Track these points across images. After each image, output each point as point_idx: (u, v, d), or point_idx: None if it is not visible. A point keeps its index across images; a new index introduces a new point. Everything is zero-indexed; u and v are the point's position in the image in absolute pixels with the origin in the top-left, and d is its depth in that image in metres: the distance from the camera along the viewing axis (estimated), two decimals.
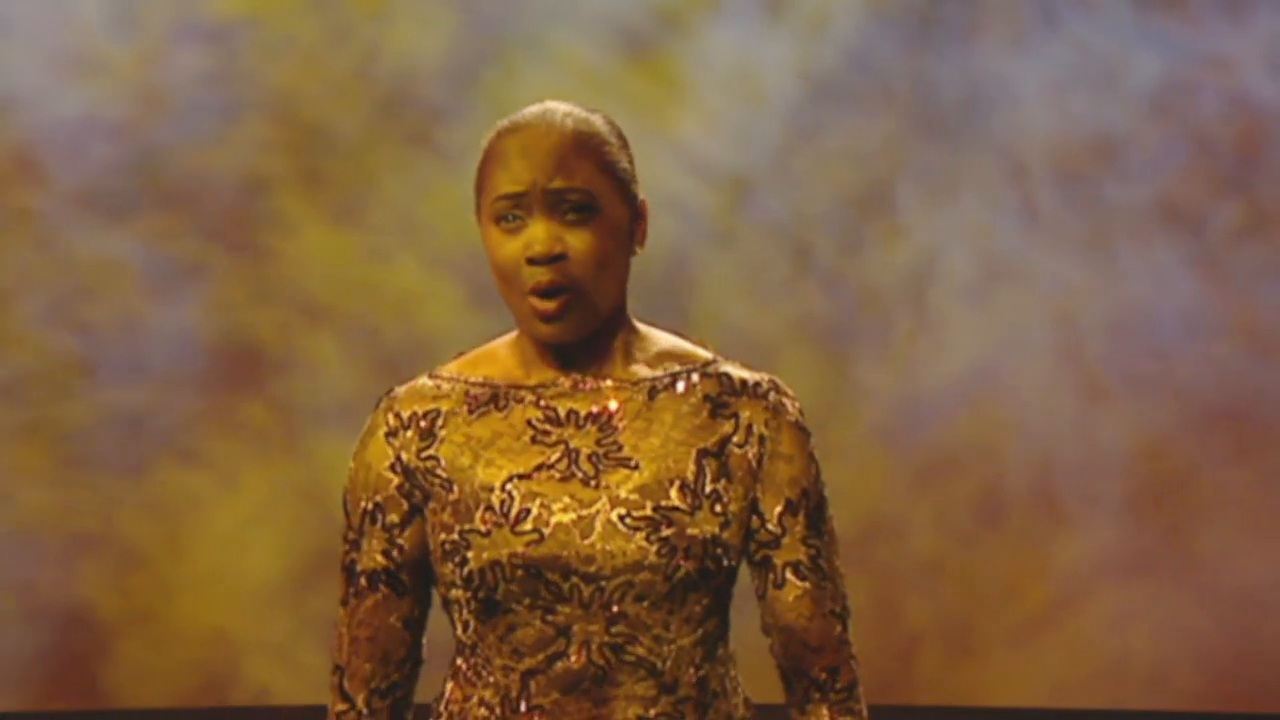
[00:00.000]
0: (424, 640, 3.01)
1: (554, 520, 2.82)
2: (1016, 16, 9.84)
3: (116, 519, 9.41)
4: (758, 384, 3.07)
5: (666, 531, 2.82)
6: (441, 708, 2.95)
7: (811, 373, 9.89)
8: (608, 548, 2.80)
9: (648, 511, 2.83)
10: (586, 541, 2.81)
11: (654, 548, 2.81)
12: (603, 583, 2.80)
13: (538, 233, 2.90)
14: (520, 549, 2.80)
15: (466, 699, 2.89)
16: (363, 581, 2.94)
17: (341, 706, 2.93)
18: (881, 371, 10.00)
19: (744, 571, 3.22)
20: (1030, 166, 9.95)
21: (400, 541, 2.92)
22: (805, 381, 9.84)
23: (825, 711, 3.07)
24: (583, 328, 2.95)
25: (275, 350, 9.61)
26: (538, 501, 2.83)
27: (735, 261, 10.03)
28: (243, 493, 9.72)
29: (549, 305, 2.90)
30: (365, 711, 2.94)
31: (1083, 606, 9.76)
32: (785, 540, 2.98)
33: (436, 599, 3.11)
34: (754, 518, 2.95)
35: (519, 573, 2.79)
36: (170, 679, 9.39)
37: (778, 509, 2.98)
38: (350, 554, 2.96)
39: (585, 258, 2.95)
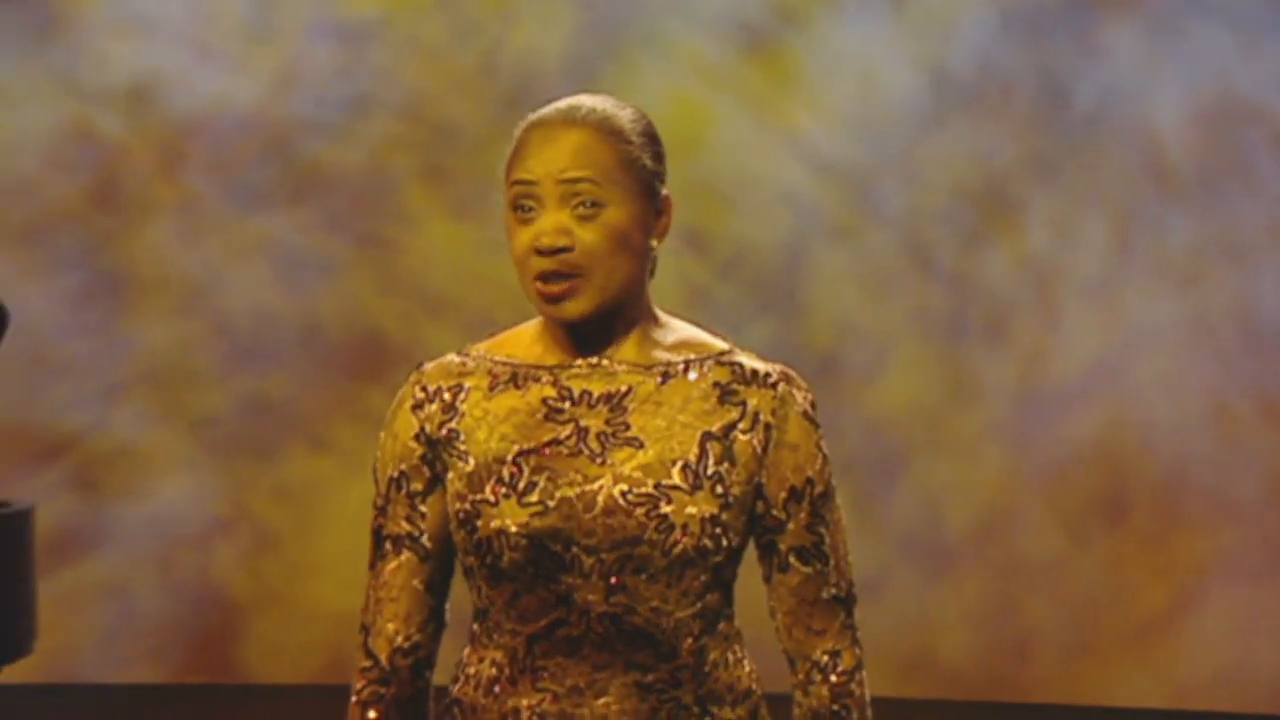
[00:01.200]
0: (446, 605, 2.38)
1: (559, 494, 2.22)
2: (1147, 12, 7.63)
3: (249, 502, 7.88)
4: (768, 374, 2.36)
5: (666, 509, 2.21)
6: (459, 670, 2.36)
7: (928, 368, 7.79)
8: (609, 522, 2.21)
9: (649, 489, 2.23)
10: (589, 515, 2.21)
11: (653, 523, 2.21)
12: (603, 555, 2.20)
13: (546, 224, 2.26)
14: (525, 519, 2.21)
15: (480, 660, 2.28)
16: (388, 546, 2.35)
17: (365, 663, 2.36)
18: (1000, 368, 7.78)
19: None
20: (1159, 163, 7.68)
21: (422, 509, 2.32)
22: (921, 377, 7.60)
23: (826, 693, 2.35)
24: (586, 311, 2.28)
25: (398, 340, 7.79)
26: (545, 475, 2.23)
27: (852, 256, 7.87)
28: (369, 478, 6.81)
29: (552, 289, 2.27)
30: (388, 668, 2.34)
31: (1205, 608, 7.61)
32: (790, 526, 2.31)
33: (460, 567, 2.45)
34: (759, 503, 2.30)
35: (523, 542, 2.20)
36: (299, 656, 7.77)
37: (782, 495, 2.31)
38: (378, 519, 2.37)
39: (591, 250, 2.26)
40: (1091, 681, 7.61)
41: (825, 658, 2.38)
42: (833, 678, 2.39)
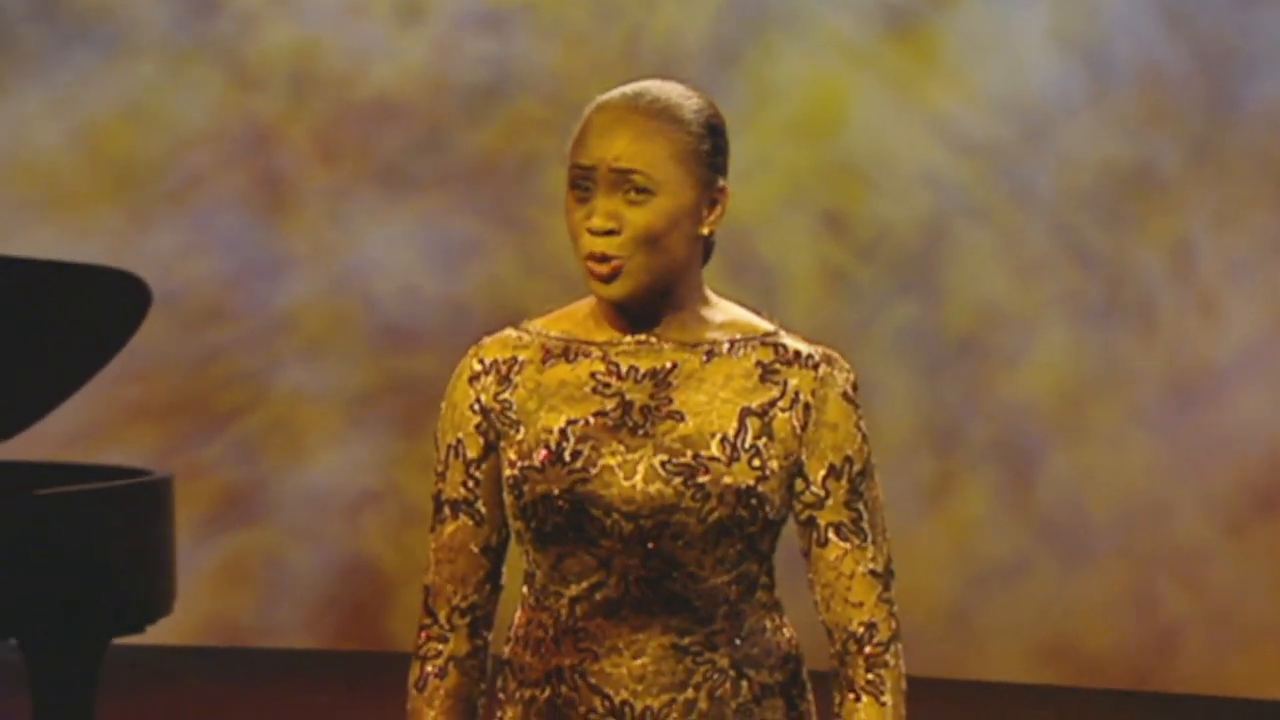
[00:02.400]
0: (503, 568, 1.91)
1: (601, 462, 1.81)
2: None
3: (397, 477, 6.12)
4: (810, 355, 1.90)
5: (703, 478, 1.80)
6: (511, 631, 1.91)
7: (1070, 351, 5.68)
8: (648, 489, 1.79)
9: (687, 459, 1.81)
10: (629, 483, 1.80)
11: (689, 492, 1.79)
12: (641, 521, 1.79)
13: (598, 206, 1.81)
14: (569, 485, 1.80)
15: (529, 622, 1.87)
16: (446, 510, 1.88)
17: (426, 620, 1.89)
18: (1145, 351, 5.65)
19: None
20: None
21: (477, 475, 1.86)
22: (1062, 360, 5.54)
23: (861, 663, 1.88)
24: (629, 292, 1.84)
25: None
26: (589, 444, 1.82)
27: (995, 238, 5.78)
28: None
29: (601, 269, 1.82)
30: (446, 626, 1.87)
31: None
32: (829, 502, 1.87)
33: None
34: (799, 480, 1.86)
35: (566, 506, 1.80)
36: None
37: (821, 473, 1.87)
38: (438, 484, 1.90)
39: (638, 235, 1.81)
40: (1240, 674, 5.59)
41: (861, 629, 1.89)
42: (868, 648, 1.89)
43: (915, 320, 5.76)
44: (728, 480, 1.79)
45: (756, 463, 1.81)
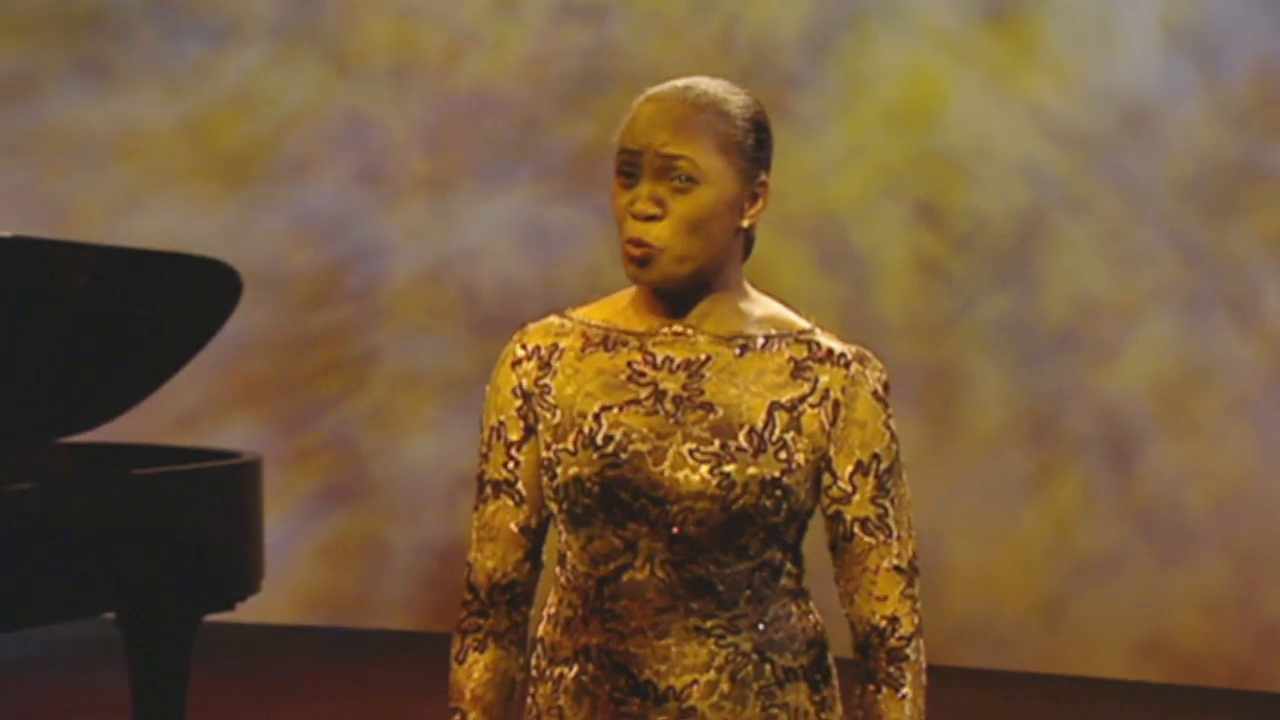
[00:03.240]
0: (542, 547, 1.88)
1: (632, 448, 1.79)
2: None
3: None
4: (843, 354, 1.85)
5: (728, 467, 1.77)
6: (545, 611, 1.88)
7: (1169, 343, 5.38)
8: (675, 475, 1.77)
9: (715, 448, 1.78)
10: (658, 469, 1.77)
11: (715, 480, 1.77)
12: (668, 506, 1.77)
13: (643, 191, 1.79)
14: (599, 469, 1.79)
15: (560, 601, 1.84)
16: (488, 490, 1.87)
17: (467, 596, 1.88)
18: (1246, 344, 5.33)
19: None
20: None
21: (518, 456, 1.85)
22: (1161, 352, 5.24)
23: (883, 656, 1.84)
24: (668, 277, 1.81)
25: None
26: (621, 430, 1.80)
27: (1092, 229, 5.47)
28: None
29: (638, 253, 1.79)
30: (486, 602, 1.86)
31: None
32: (855, 498, 1.83)
33: None
34: (827, 475, 1.83)
35: (596, 489, 1.78)
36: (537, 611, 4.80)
37: (849, 469, 1.83)
38: (481, 465, 1.88)
39: (679, 222, 1.78)
40: None
41: (884, 623, 1.85)
42: (891, 641, 1.85)
43: (1011, 312, 5.50)
44: (753, 471, 1.77)
45: (783, 455, 1.78)
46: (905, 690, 1.83)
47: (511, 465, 1.83)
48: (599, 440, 1.77)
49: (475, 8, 5.91)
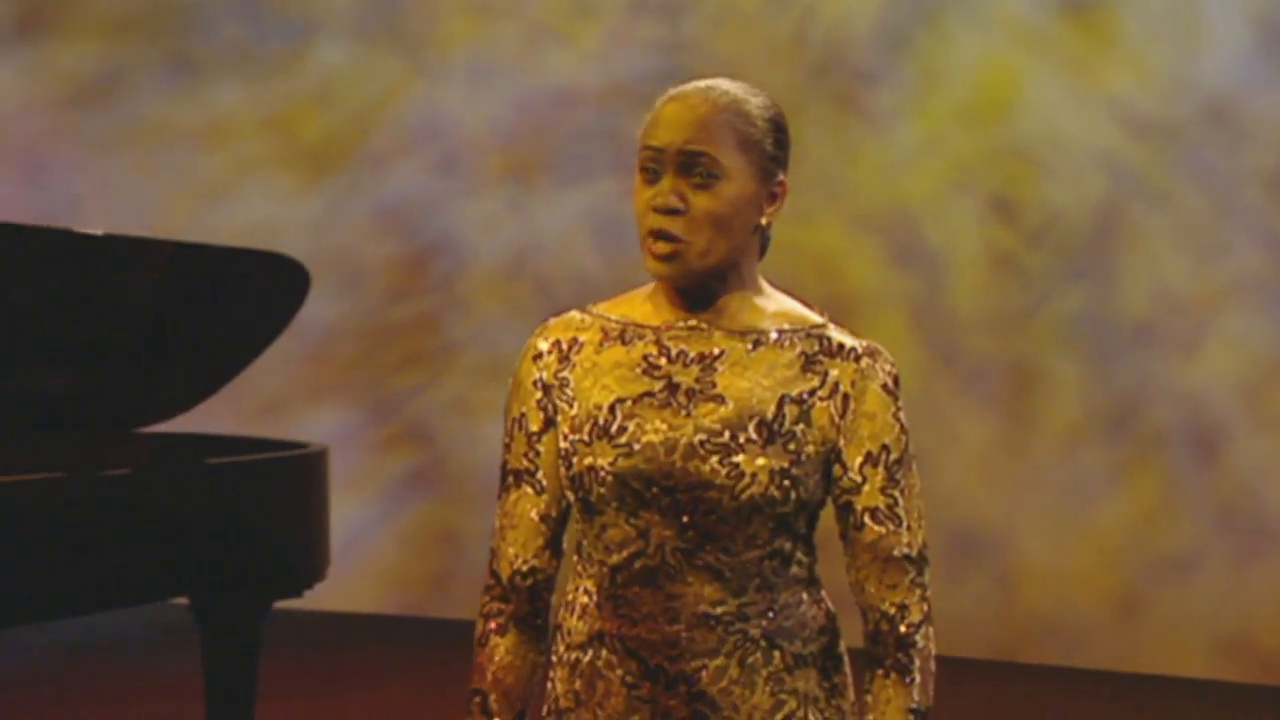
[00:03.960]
0: (564, 535, 1.89)
1: (645, 439, 1.79)
2: None
3: None
4: (853, 349, 1.85)
5: (737, 458, 1.77)
6: (562, 598, 1.90)
7: (1252, 336, 5.13)
8: (686, 466, 1.78)
9: (725, 439, 1.78)
10: (669, 459, 1.78)
11: (724, 470, 1.77)
12: (678, 495, 1.78)
13: (664, 186, 1.80)
14: (613, 459, 1.79)
15: (576, 588, 1.85)
16: (510, 479, 1.88)
17: (490, 581, 1.89)
18: None
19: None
20: None
21: (539, 447, 1.86)
22: (1244, 345, 5.07)
23: (892, 642, 1.83)
24: (687, 272, 1.81)
25: None
26: (634, 422, 1.80)
27: (1171, 221, 5.23)
28: None
29: (660, 248, 1.80)
30: (508, 588, 1.87)
31: None
32: (865, 488, 1.82)
33: None
34: (837, 466, 1.83)
35: (610, 479, 1.79)
36: None
37: (859, 460, 1.82)
38: (504, 455, 1.90)
39: (700, 216, 1.79)
40: None
41: (894, 610, 1.83)
42: (901, 628, 1.83)
43: (1086, 306, 5.28)
44: (761, 461, 1.77)
45: (792, 446, 1.79)
46: (913, 676, 1.82)
47: (532, 455, 1.85)
48: (613, 431, 1.79)
49: (551, 3, 5.79)
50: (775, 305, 1.85)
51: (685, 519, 1.76)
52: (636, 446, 1.78)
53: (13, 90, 6.13)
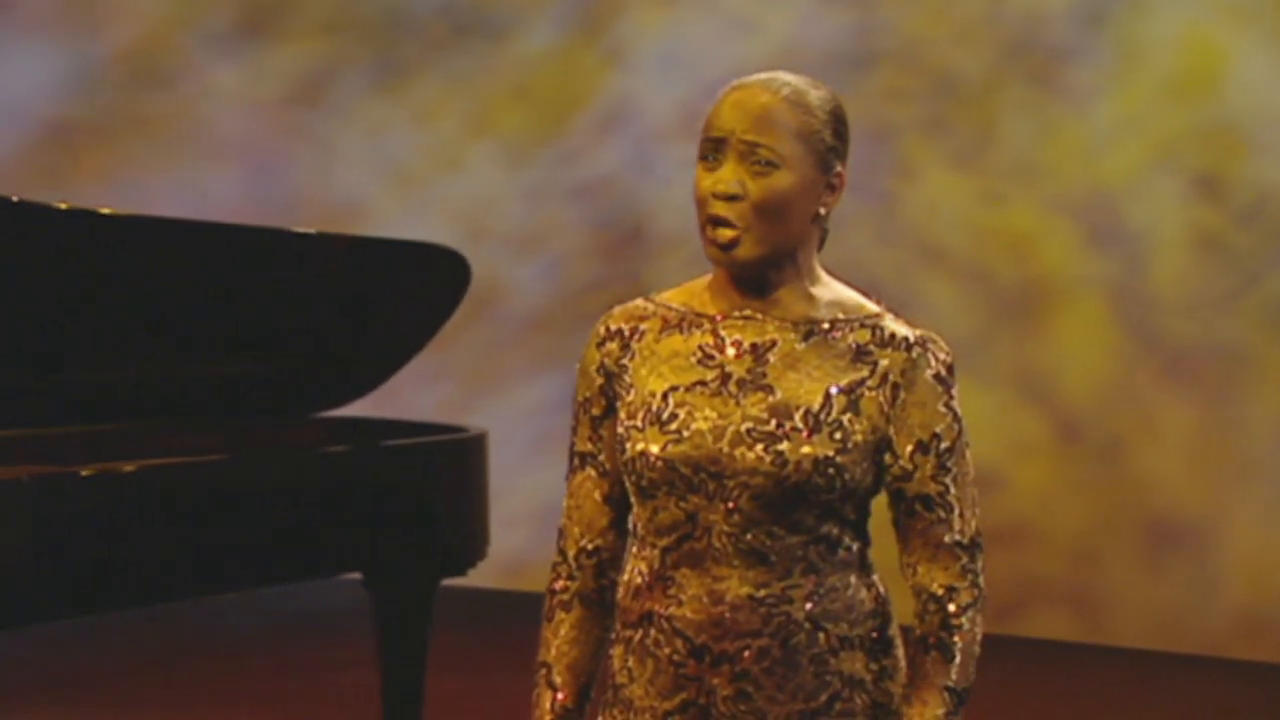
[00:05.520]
0: (627, 517, 1.86)
1: (694, 426, 1.77)
2: None
3: None
4: (905, 338, 1.79)
5: (782, 446, 1.74)
6: (622, 577, 1.88)
7: None
8: (732, 452, 1.75)
9: (770, 428, 1.75)
10: (716, 446, 1.76)
11: (769, 458, 1.74)
12: (725, 481, 1.75)
13: (725, 173, 1.76)
14: (663, 444, 1.78)
15: (632, 569, 1.83)
16: (576, 461, 1.88)
17: (557, 559, 1.89)
18: None
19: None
20: None
21: (601, 431, 1.85)
22: None
23: (938, 622, 1.79)
24: (746, 261, 1.77)
25: (894, 291, 4.91)
26: (685, 409, 1.78)
27: None
28: None
29: (720, 235, 1.75)
30: (574, 566, 1.87)
31: None
32: (916, 475, 1.78)
33: None
34: (887, 454, 1.79)
35: (659, 464, 1.77)
36: None
37: (909, 448, 1.78)
38: (572, 437, 1.89)
39: (759, 203, 1.75)
40: None
41: (942, 591, 1.79)
42: (949, 607, 1.78)
43: None
44: (805, 450, 1.74)
45: (838, 435, 1.75)
46: (954, 655, 1.77)
47: (595, 439, 1.84)
48: (664, 418, 1.77)
49: None
50: (831, 295, 1.81)
51: (730, 505, 1.74)
52: (686, 433, 1.76)
53: (236, 90, 6.09)
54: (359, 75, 6.00)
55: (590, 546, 1.84)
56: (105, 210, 3.06)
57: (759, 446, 1.73)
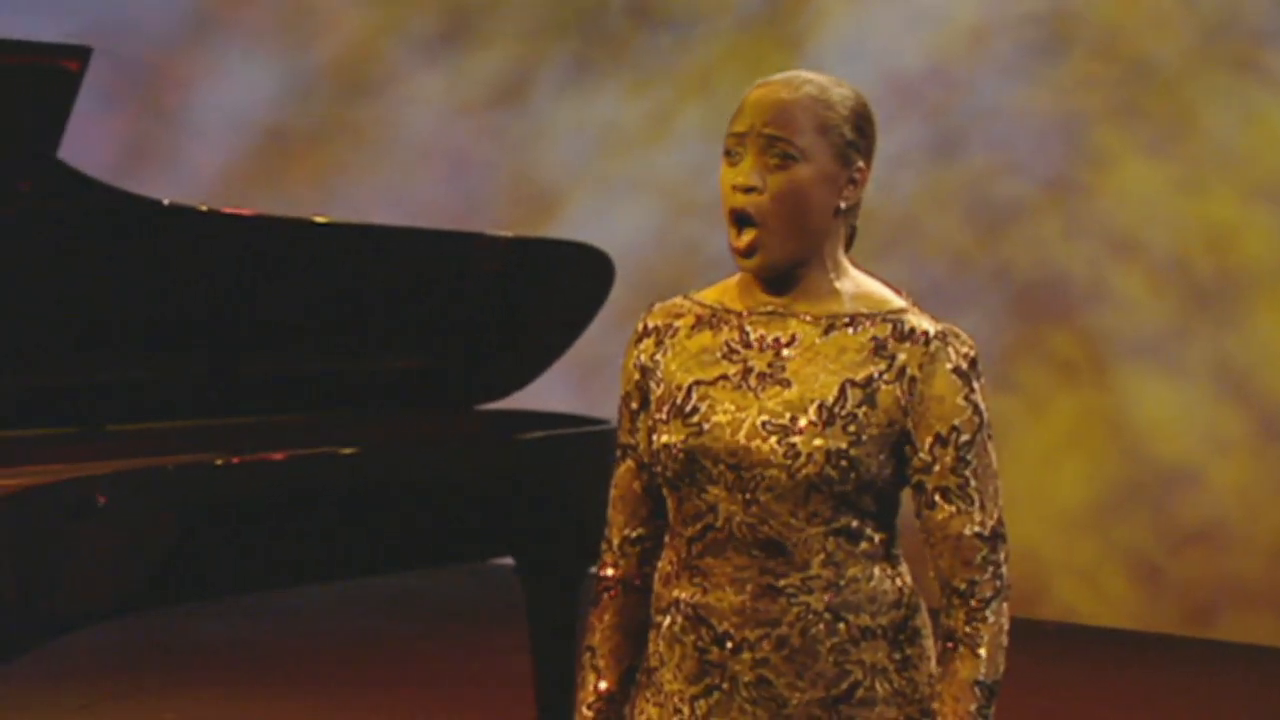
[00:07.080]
0: (670, 506, 1.82)
1: (714, 419, 1.76)
2: None
3: None
4: (925, 332, 1.74)
5: (795, 438, 1.72)
6: (656, 565, 1.88)
7: None
8: (749, 445, 1.74)
9: (784, 421, 1.73)
10: (733, 438, 1.74)
11: (782, 450, 1.72)
12: (742, 472, 1.74)
13: (745, 167, 1.74)
14: (684, 437, 1.77)
15: (665, 558, 1.83)
16: (619, 452, 1.89)
17: (603, 547, 1.90)
18: None
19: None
20: None
21: (638, 424, 1.85)
22: None
23: (961, 616, 1.74)
24: (769, 263, 1.75)
25: (1085, 283, 4.80)
26: (707, 403, 1.77)
27: None
28: (1051, 419, 5.01)
29: (740, 242, 1.74)
30: (619, 554, 1.87)
31: None
32: (935, 468, 1.74)
33: None
34: (908, 447, 1.75)
35: (681, 455, 1.76)
36: None
37: (929, 440, 1.74)
38: (617, 430, 1.90)
39: (778, 195, 1.73)
40: None
41: (964, 585, 1.74)
42: (972, 602, 1.73)
43: None
44: (819, 442, 1.71)
45: (852, 428, 1.71)
46: (981, 650, 1.73)
47: (634, 432, 1.83)
48: (687, 411, 1.75)
49: None
50: (856, 289, 1.76)
51: (746, 496, 1.72)
52: (706, 426, 1.74)
53: (440, 95, 6.06)
54: (553, 78, 5.90)
55: (633, 535, 1.84)
56: (279, 216, 3.10)
57: (773, 439, 1.71)
